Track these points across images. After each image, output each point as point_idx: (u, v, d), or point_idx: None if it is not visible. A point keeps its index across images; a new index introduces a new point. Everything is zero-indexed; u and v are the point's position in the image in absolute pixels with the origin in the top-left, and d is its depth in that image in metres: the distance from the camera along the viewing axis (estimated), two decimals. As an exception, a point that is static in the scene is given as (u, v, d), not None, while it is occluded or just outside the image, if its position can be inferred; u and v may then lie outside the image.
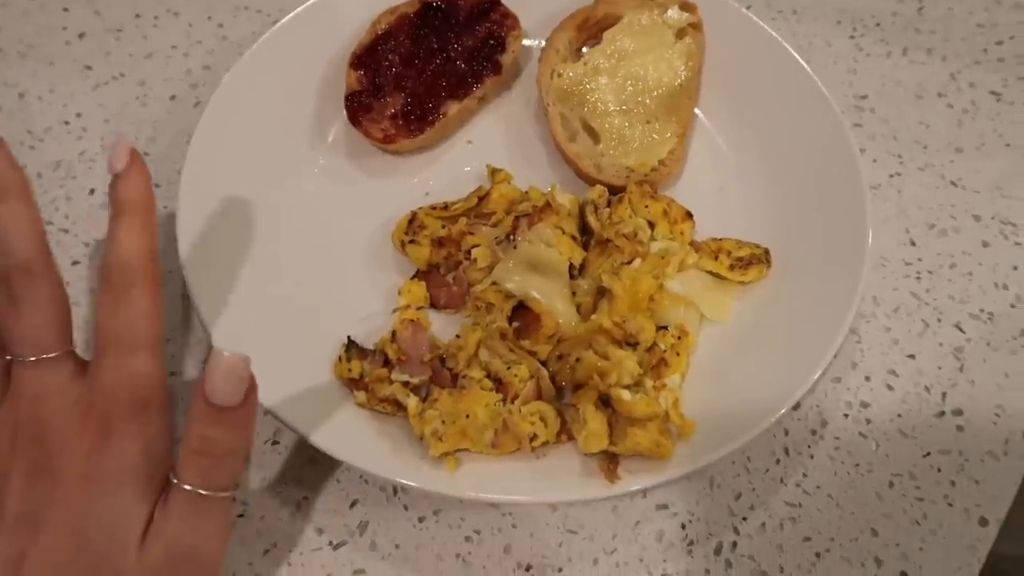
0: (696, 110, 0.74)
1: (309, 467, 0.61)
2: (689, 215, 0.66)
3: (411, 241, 0.65)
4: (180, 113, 0.78)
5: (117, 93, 0.80)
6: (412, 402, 0.56)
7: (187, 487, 0.43)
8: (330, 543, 0.58)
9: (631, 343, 0.58)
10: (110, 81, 0.81)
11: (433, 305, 0.65)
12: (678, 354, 0.59)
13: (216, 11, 0.86)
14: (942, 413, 0.62)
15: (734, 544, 0.57)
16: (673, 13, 0.74)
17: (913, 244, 0.70)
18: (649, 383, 0.57)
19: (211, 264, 0.63)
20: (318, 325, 0.63)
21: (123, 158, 0.47)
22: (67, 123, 0.78)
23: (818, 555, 0.57)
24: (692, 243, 0.65)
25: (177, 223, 0.64)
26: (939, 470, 0.60)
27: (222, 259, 0.64)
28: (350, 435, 0.57)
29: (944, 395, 0.63)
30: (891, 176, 0.74)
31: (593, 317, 0.60)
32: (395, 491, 0.60)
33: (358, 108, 0.71)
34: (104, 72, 0.81)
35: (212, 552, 0.45)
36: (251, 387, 0.43)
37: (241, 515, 0.59)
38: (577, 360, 0.58)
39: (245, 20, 0.85)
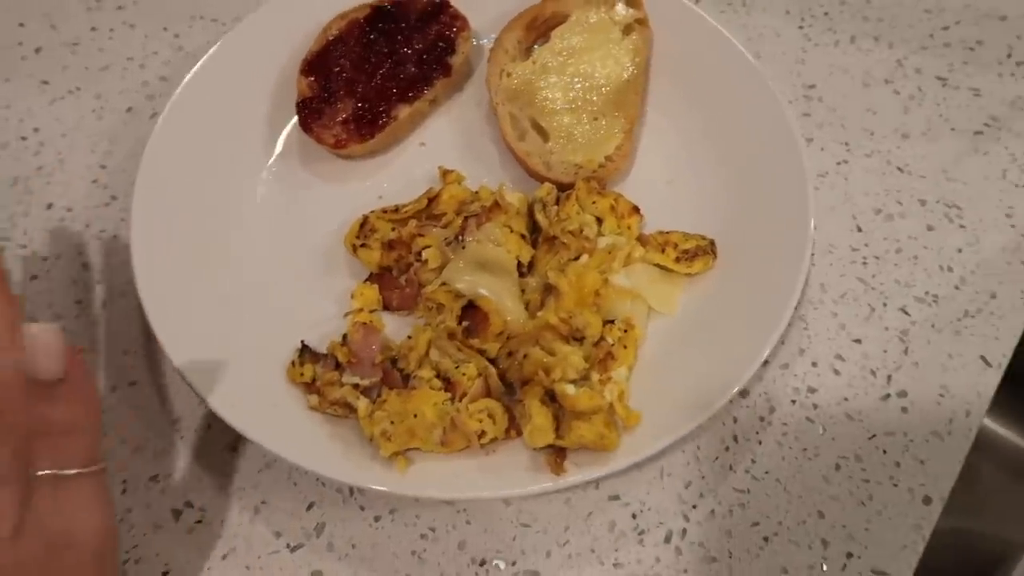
0: (644, 105, 0.75)
1: (266, 471, 0.62)
2: (636, 210, 0.67)
3: (362, 245, 0.66)
4: (136, 125, 0.79)
5: (74, 107, 0.81)
6: (362, 404, 0.57)
7: (42, 472, 0.42)
8: (288, 545, 0.59)
9: (577, 338, 0.59)
10: (66, 95, 0.81)
11: (386, 307, 0.65)
12: (625, 347, 0.60)
13: (172, 22, 0.86)
14: (887, 396, 0.63)
15: (684, 532, 0.59)
16: (620, 9, 0.75)
17: (860, 230, 0.71)
18: (595, 377, 0.58)
19: (165, 274, 0.64)
20: (272, 331, 0.64)
21: None
22: (24, 139, 0.79)
23: (766, 539, 0.58)
24: (639, 237, 0.66)
25: (131, 234, 0.64)
26: (884, 452, 0.61)
27: (176, 268, 0.64)
28: (303, 439, 0.58)
29: (889, 378, 0.64)
30: (838, 164, 0.75)
31: (540, 314, 0.60)
32: (351, 491, 0.61)
33: (309, 114, 0.72)
34: (61, 86, 0.82)
35: (90, 532, 0.44)
36: (73, 360, 0.42)
37: (199, 521, 0.60)
38: (525, 357, 0.59)
39: (200, 30, 0.86)
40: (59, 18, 0.87)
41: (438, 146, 0.75)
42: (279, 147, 0.74)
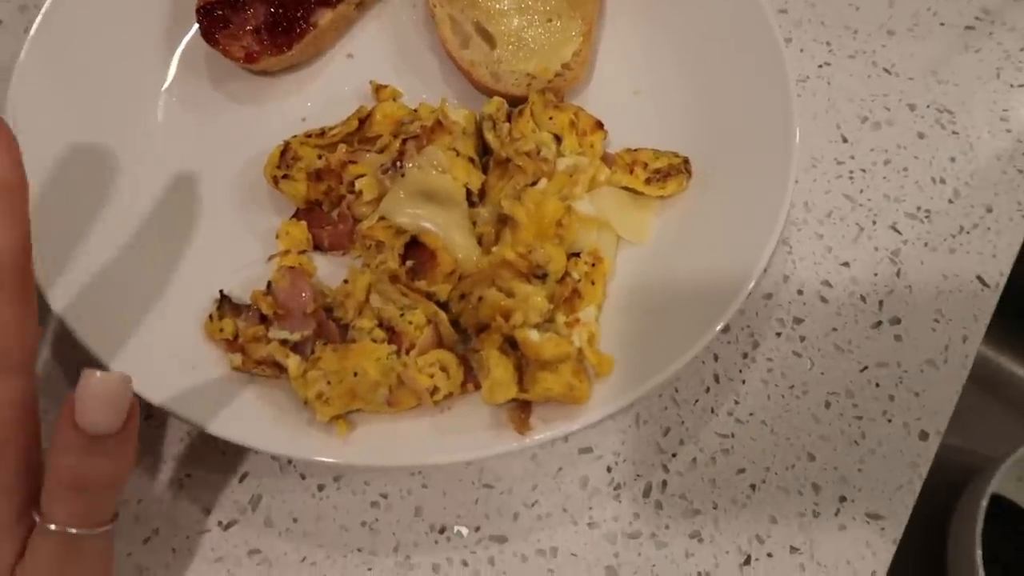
0: (604, 4, 0.65)
1: (189, 440, 0.54)
2: (599, 125, 0.59)
3: (285, 176, 0.56)
4: (8, 42, 0.67)
5: (-69, 22, 0.68)
6: (293, 362, 0.49)
7: (55, 527, 0.36)
8: (219, 523, 0.52)
9: (539, 275, 0.52)
10: (-79, 8, 0.68)
11: (317, 247, 0.57)
12: (593, 283, 0.53)
13: (44, -84, 0.73)
14: (879, 323, 0.58)
15: (664, 483, 0.53)
16: None
17: (845, 140, 0.64)
18: (561, 319, 0.51)
19: (49, 218, 0.53)
20: (185, 280, 0.55)
21: None
22: None
23: (753, 487, 0.53)
24: (604, 156, 0.58)
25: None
26: (877, 385, 0.56)
27: (62, 212, 0.54)
28: (227, 407, 0.50)
29: (881, 303, 0.58)
30: (820, 67, 0.67)
31: (495, 249, 0.53)
32: (289, 459, 0.53)
33: (213, 22, 0.61)
34: (-87, -3, 0.69)
35: None
36: (132, 410, 0.36)
37: (112, 503, 0.52)
38: (480, 299, 0.51)
39: (80, -74, 0.72)
40: (-94, -86, 0.72)
41: (368, 57, 0.65)
42: (178, 63, 0.63)
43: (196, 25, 0.61)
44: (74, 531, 0.37)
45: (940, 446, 0.54)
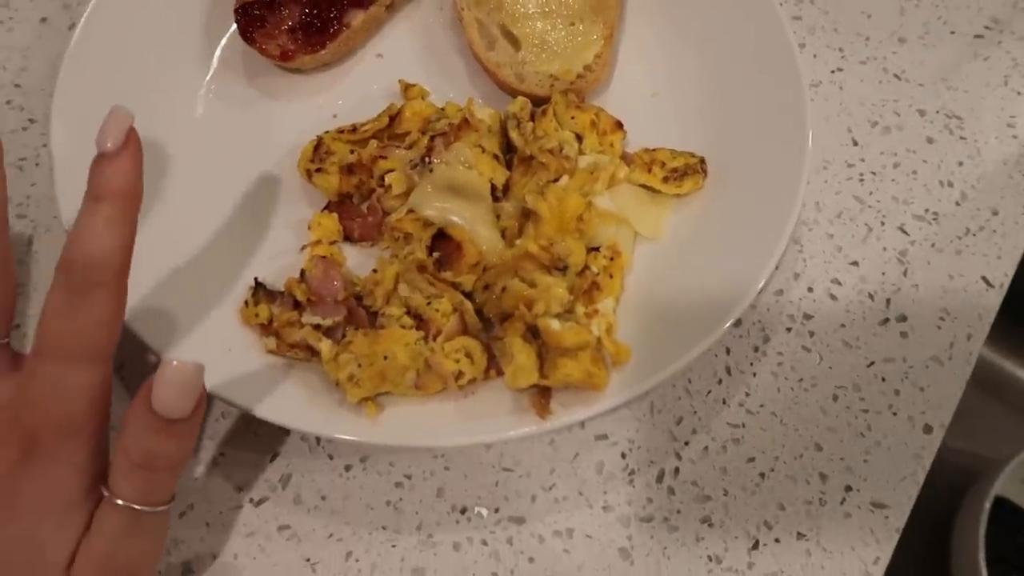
0: (624, 9, 0.68)
1: (223, 421, 0.56)
2: (619, 125, 0.61)
3: (318, 170, 0.59)
4: (52, 38, 0.70)
5: (-22, 18, 0.71)
6: (325, 346, 0.51)
7: (122, 503, 0.39)
8: (251, 500, 0.54)
9: (560, 268, 0.54)
10: (-31, 5, 0.71)
11: (347, 238, 0.59)
12: (611, 276, 0.55)
13: (86, -82, 0.75)
14: (886, 320, 0.60)
15: (676, 470, 0.55)
16: (596, -101, 0.67)
17: (856, 144, 0.66)
18: (580, 310, 0.53)
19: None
20: (222, 268, 0.57)
21: (118, 135, 0.39)
22: (-78, 55, 0.69)
23: (762, 475, 0.55)
24: (623, 155, 0.60)
25: (53, 162, 0.57)
26: (883, 379, 0.58)
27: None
28: (262, 387, 0.52)
29: (888, 301, 0.60)
30: (832, 72, 0.69)
31: (518, 242, 0.55)
32: (318, 440, 0.56)
33: (250, 22, 0.63)
34: (-39, -6, 0.72)
35: (148, 569, 0.42)
36: (201, 399, 0.39)
37: (151, 478, 0.54)
38: (503, 290, 0.54)
39: (120, -73, 0.75)
40: (-46, -86, 0.75)
41: (397, 57, 0.67)
42: (217, 60, 0.66)
43: (234, 24, 0.64)
44: (138, 507, 0.39)
45: (944, 449, 0.56)
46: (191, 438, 0.40)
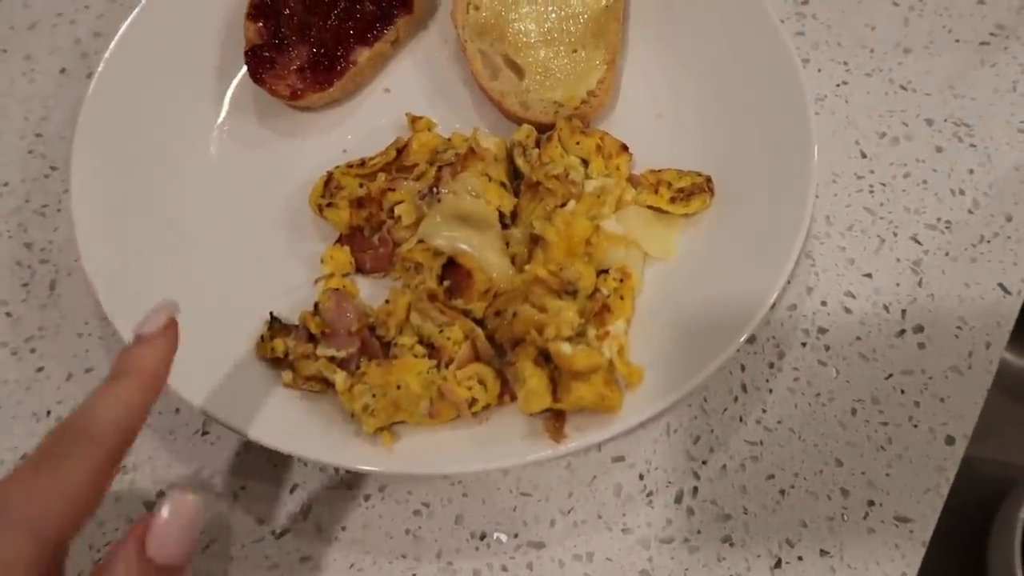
0: (626, 33, 0.69)
1: (243, 454, 0.57)
2: (624, 148, 0.61)
3: (329, 204, 0.60)
4: (72, 86, 0.72)
5: (2, 71, 0.73)
6: (340, 378, 0.52)
7: None
8: (273, 532, 0.55)
9: (570, 292, 0.54)
10: (-8, 58, 0.74)
11: (359, 270, 0.60)
12: (622, 298, 0.55)
13: (102, -30, 0.78)
14: (902, 332, 0.59)
15: (695, 490, 0.55)
16: (594, -72, 0.68)
17: (864, 156, 0.66)
18: (592, 332, 0.53)
19: (114, 248, 0.58)
20: (238, 303, 0.58)
21: (158, 323, 0.40)
22: (-51, 110, 0.72)
23: (782, 492, 0.55)
24: (630, 177, 0.61)
25: (72, 207, 0.59)
26: (902, 391, 0.57)
27: (124, 239, 0.59)
28: (279, 419, 0.53)
29: (904, 312, 0.60)
30: (837, 85, 0.70)
31: (528, 268, 0.55)
32: (336, 471, 0.56)
33: (260, 63, 0.65)
34: (-15, 49, 0.75)
35: None
36: (195, 542, 0.35)
37: (173, 514, 0.55)
38: (514, 315, 0.54)
39: (135, -23, 0.78)
40: (-23, -27, 0.79)
41: (404, 91, 0.69)
42: (229, 101, 0.67)
43: (244, 66, 0.65)
44: None
45: (974, 460, 0.55)
46: None
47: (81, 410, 0.36)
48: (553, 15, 0.67)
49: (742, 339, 0.53)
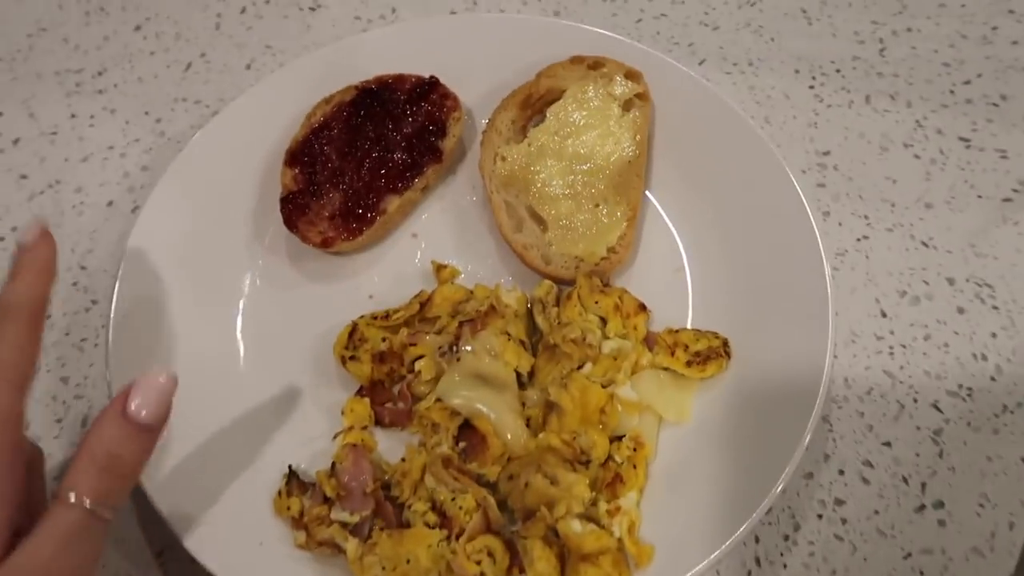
0: (646, 187, 0.70)
1: (256, 608, 0.58)
2: (643, 307, 0.63)
3: (352, 357, 0.62)
4: (117, 220, 0.76)
5: (54, 202, 0.77)
6: (351, 546, 0.53)
7: (75, 500, 0.40)
8: None
9: (583, 461, 0.55)
10: (46, 189, 0.78)
11: (379, 423, 0.61)
12: (635, 467, 0.56)
13: (153, 106, 0.83)
14: (922, 507, 0.58)
15: (706, 670, 0.54)
16: (619, 84, 0.71)
17: (884, 315, 0.66)
18: (603, 506, 0.54)
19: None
20: (256, 453, 0.60)
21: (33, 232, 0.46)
22: (2, 239, 0.76)
23: (796, 677, 0.53)
24: (647, 336, 0.62)
25: (109, 347, 0.61)
26: (921, 573, 0.56)
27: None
28: (290, 582, 0.54)
29: (923, 486, 0.59)
30: (858, 240, 0.70)
31: (542, 435, 0.56)
32: (346, 631, 0.57)
33: (294, 210, 0.68)
34: (40, 180, 0.79)
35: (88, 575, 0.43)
36: (169, 410, 0.43)
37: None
38: (526, 485, 0.55)
39: (183, 113, 0.82)
40: (38, 104, 0.84)
41: (431, 236, 0.71)
42: (265, 242, 0.70)
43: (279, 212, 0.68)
44: (89, 505, 0.40)
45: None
46: (151, 450, 0.43)
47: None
48: (577, 168, 0.69)
49: (755, 517, 0.52)
